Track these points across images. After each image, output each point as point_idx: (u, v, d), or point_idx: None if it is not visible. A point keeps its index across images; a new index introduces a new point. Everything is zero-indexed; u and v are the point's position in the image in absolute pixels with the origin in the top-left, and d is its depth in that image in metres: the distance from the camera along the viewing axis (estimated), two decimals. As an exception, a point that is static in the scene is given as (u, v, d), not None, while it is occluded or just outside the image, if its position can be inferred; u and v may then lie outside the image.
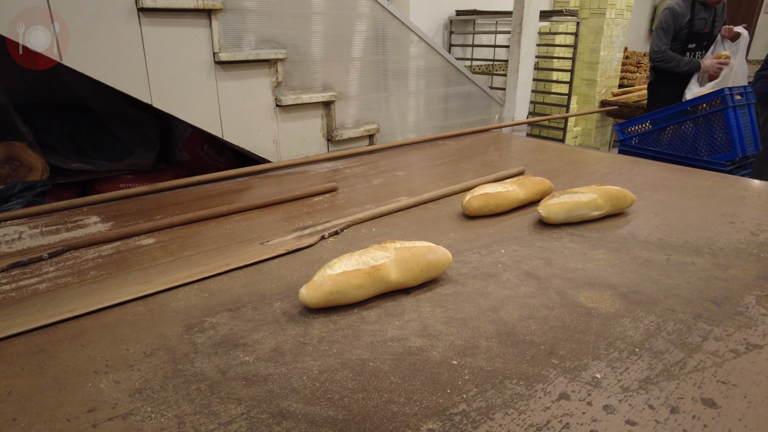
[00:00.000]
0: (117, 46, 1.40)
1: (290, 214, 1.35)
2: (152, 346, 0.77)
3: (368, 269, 0.86)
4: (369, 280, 0.86)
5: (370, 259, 0.88)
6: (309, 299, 0.84)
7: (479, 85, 2.51)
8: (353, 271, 0.85)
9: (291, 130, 1.85)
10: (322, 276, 0.85)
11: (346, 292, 0.85)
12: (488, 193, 1.30)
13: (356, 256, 0.89)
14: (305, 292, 0.84)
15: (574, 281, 0.98)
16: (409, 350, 0.76)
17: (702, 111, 2.61)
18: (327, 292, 0.83)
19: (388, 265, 0.88)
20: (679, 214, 1.34)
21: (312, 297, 0.84)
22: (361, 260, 0.88)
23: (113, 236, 1.15)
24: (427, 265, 0.93)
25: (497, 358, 0.74)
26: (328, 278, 0.84)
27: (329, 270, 0.85)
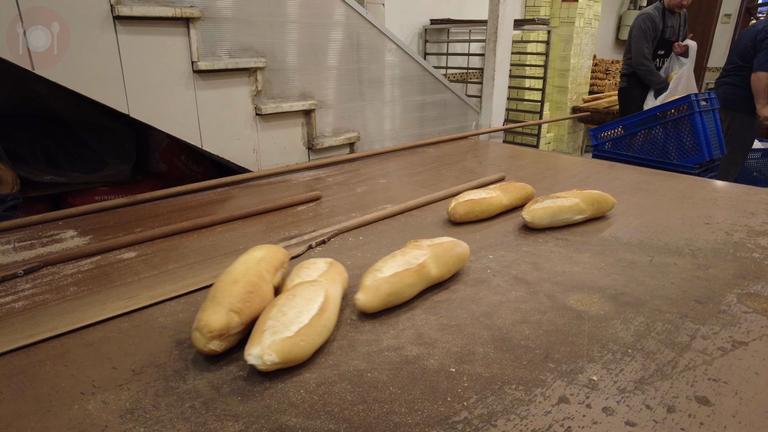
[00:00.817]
0: (92, 55, 1.37)
1: (274, 224, 1.34)
2: (141, 364, 0.74)
3: (416, 268, 0.88)
4: (418, 278, 0.88)
5: (412, 258, 0.90)
6: (369, 304, 0.84)
7: (456, 93, 2.54)
8: (404, 271, 0.87)
9: (271, 139, 1.83)
10: (374, 280, 0.86)
11: (401, 292, 0.86)
12: (473, 200, 1.31)
13: (398, 256, 0.91)
14: (364, 297, 0.84)
15: (562, 285, 0.99)
16: (406, 359, 0.75)
17: (670, 116, 2.70)
18: (385, 294, 0.84)
19: (429, 262, 0.91)
20: (658, 216, 1.38)
21: (372, 302, 0.84)
22: (404, 260, 0.89)
23: (92, 250, 1.11)
24: (457, 258, 0.98)
25: (494, 364, 0.75)
26: (383, 281, 0.85)
27: (379, 273, 0.86)
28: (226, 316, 0.72)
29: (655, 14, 3.19)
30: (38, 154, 1.66)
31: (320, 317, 0.74)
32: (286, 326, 0.71)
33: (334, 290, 0.83)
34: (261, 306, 0.77)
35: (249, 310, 0.75)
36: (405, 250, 0.94)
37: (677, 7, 3.17)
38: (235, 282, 0.77)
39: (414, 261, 0.90)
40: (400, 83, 2.25)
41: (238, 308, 0.74)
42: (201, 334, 0.71)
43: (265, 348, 0.68)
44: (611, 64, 5.34)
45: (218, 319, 0.72)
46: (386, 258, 0.92)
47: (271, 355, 0.68)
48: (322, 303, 0.76)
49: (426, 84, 2.37)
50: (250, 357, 0.68)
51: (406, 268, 0.88)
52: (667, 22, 3.21)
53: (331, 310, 0.77)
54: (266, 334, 0.70)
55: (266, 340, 0.69)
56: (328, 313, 0.76)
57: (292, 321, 0.72)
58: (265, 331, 0.70)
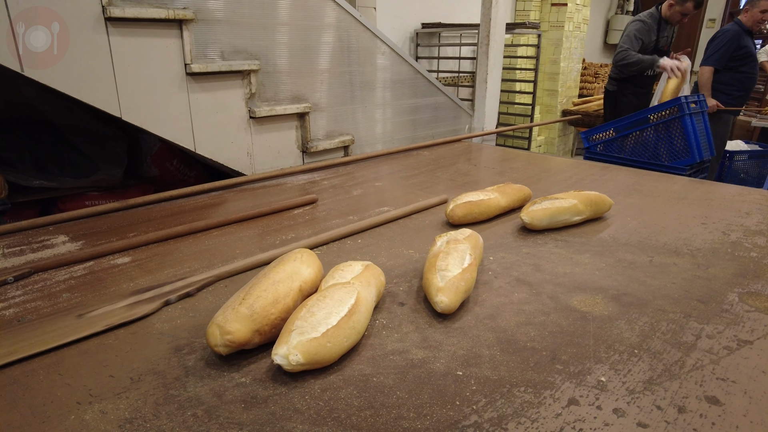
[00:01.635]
0: (83, 57, 1.34)
1: (270, 227, 1.32)
2: (139, 372, 0.72)
3: (474, 262, 0.92)
4: (476, 272, 0.94)
5: (462, 252, 0.93)
6: (454, 305, 0.84)
7: (449, 96, 2.55)
8: (469, 266, 0.90)
9: (265, 142, 1.81)
10: (446, 279, 0.86)
11: (471, 288, 0.90)
12: (471, 201, 1.30)
13: (452, 251, 0.92)
14: (448, 299, 0.84)
15: (564, 286, 0.99)
16: (411, 363, 0.74)
17: (661, 118, 2.73)
18: (463, 292, 0.86)
19: (476, 254, 0.98)
20: (655, 217, 1.38)
21: (455, 302, 0.84)
22: (459, 255, 0.92)
23: (85, 256, 1.08)
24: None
25: (501, 366, 0.73)
26: (457, 279, 0.86)
27: (448, 273, 0.87)
28: (251, 335, 0.71)
29: (649, 22, 3.21)
30: (27, 158, 1.63)
31: (349, 319, 0.73)
32: (314, 327, 0.70)
33: (367, 293, 0.81)
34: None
35: (271, 334, 0.74)
36: (450, 244, 0.96)
37: (676, 21, 3.19)
38: (275, 303, 0.75)
39: (467, 255, 0.93)
40: (393, 86, 2.24)
41: (265, 331, 0.73)
42: (220, 334, 0.70)
43: (291, 348, 0.67)
44: (600, 67, 5.39)
45: (243, 334, 0.71)
46: (438, 254, 0.93)
47: (297, 356, 0.66)
48: (352, 305, 0.75)
49: (419, 87, 2.37)
50: (277, 357, 0.67)
51: (470, 263, 0.91)
52: (662, 32, 3.24)
53: (361, 313, 0.76)
54: (294, 334, 0.68)
55: (293, 341, 0.68)
56: (358, 316, 0.75)
57: (320, 322, 0.71)
58: (293, 331, 0.69)
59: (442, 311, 0.84)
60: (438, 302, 0.84)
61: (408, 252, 1.15)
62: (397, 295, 0.94)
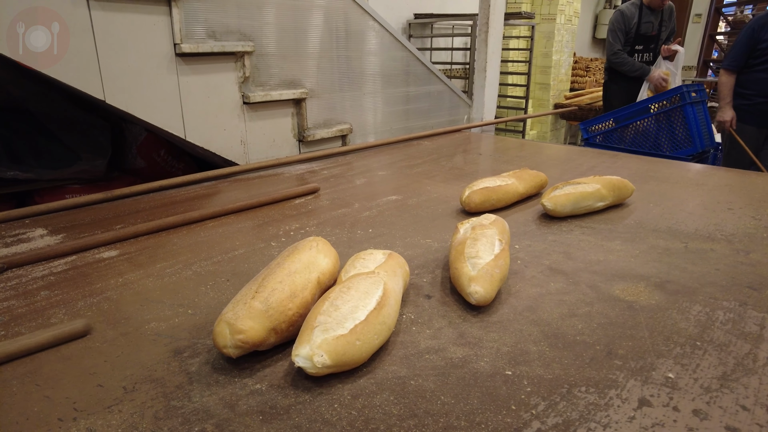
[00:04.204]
0: (61, 32, 1.22)
1: (271, 217, 1.21)
2: (133, 379, 0.61)
3: (506, 248, 0.84)
4: (509, 258, 0.86)
5: (491, 238, 0.85)
6: (490, 295, 0.75)
7: (449, 85, 2.46)
8: (501, 252, 0.82)
9: (260, 129, 1.70)
10: (478, 267, 0.78)
11: (506, 275, 0.82)
12: (489, 187, 1.21)
13: (480, 237, 0.84)
14: (482, 289, 0.75)
15: (602, 274, 0.90)
16: (451, 362, 0.64)
17: (662, 108, 2.68)
18: (498, 281, 0.78)
19: (506, 239, 0.91)
20: (678, 203, 1.31)
21: (491, 292, 0.76)
22: (488, 241, 0.83)
23: (67, 249, 0.96)
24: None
25: (554, 363, 0.64)
26: (491, 266, 0.78)
27: (479, 260, 0.79)
28: (266, 334, 0.61)
29: (628, 10, 3.16)
30: (-1, 148, 1.49)
31: (378, 313, 0.63)
32: (340, 323, 0.59)
33: (394, 283, 0.71)
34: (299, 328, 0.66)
35: (288, 333, 0.64)
36: (477, 228, 0.88)
37: (657, 5, 3.15)
38: (293, 297, 0.65)
39: (496, 240, 0.84)
40: (392, 74, 2.15)
41: (282, 329, 0.63)
42: (230, 333, 0.59)
43: (315, 348, 0.57)
44: (591, 61, 5.36)
45: (257, 333, 0.60)
46: (462, 242, 0.84)
47: (323, 356, 0.56)
48: (381, 297, 0.65)
49: (419, 75, 2.27)
50: (298, 358, 0.57)
51: (502, 249, 0.82)
52: (644, 18, 3.19)
53: (391, 306, 0.66)
54: (317, 331, 0.58)
55: (316, 339, 0.57)
56: (388, 309, 0.65)
57: (345, 317, 0.60)
58: (316, 328, 0.58)
59: (477, 303, 0.75)
60: (472, 293, 0.75)
61: (425, 241, 1.05)
62: (421, 287, 0.85)
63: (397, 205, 1.29)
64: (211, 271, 0.91)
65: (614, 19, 3.21)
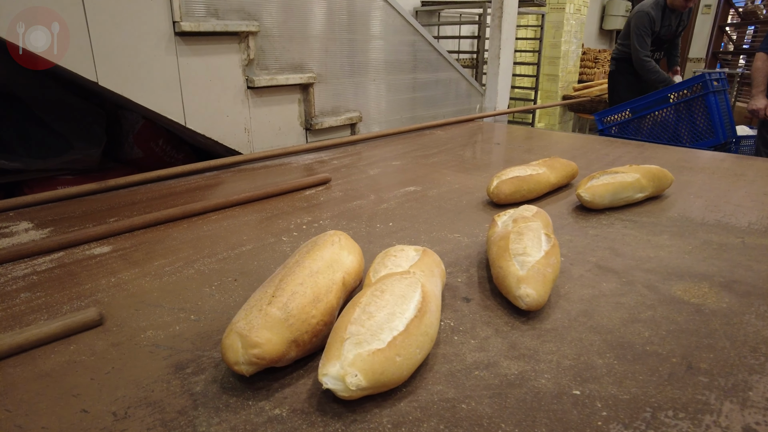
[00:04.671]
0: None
1: (280, 210, 1.10)
2: (126, 403, 0.50)
3: (556, 243, 0.75)
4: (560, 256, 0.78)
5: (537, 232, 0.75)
6: (541, 298, 0.65)
7: (461, 73, 2.35)
8: (552, 249, 0.72)
9: (265, 117, 1.59)
10: (527, 266, 0.68)
11: (557, 275, 0.72)
12: (520, 177, 1.11)
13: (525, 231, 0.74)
14: (534, 292, 0.64)
15: (656, 272, 0.80)
16: (506, 380, 0.54)
17: (683, 97, 2.57)
18: (551, 281, 0.68)
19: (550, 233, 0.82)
20: (720, 195, 1.20)
21: (542, 294, 0.65)
22: (534, 235, 0.73)
23: (53, 245, 0.86)
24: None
25: (627, 380, 0.54)
26: (542, 265, 0.68)
27: (528, 258, 0.69)
28: (286, 347, 0.51)
29: (654, 12, 3.02)
30: (-16, 135, 1.39)
31: (420, 322, 0.52)
32: (375, 334, 0.49)
33: (433, 285, 0.61)
34: (325, 339, 0.55)
35: (312, 345, 0.54)
36: (519, 222, 0.77)
37: (681, 7, 3.01)
38: (316, 301, 0.55)
39: (542, 235, 0.74)
40: (405, 60, 2.03)
41: (304, 341, 0.52)
42: (243, 347, 0.49)
43: (347, 366, 0.46)
44: (599, 53, 5.24)
45: (276, 346, 0.50)
46: (504, 237, 0.74)
47: (357, 377, 0.46)
48: (420, 302, 0.54)
49: (431, 62, 2.16)
50: (327, 379, 0.47)
51: (553, 245, 0.73)
52: (665, 21, 3.06)
53: (432, 313, 0.55)
54: (348, 344, 0.48)
55: (348, 354, 0.47)
56: (430, 317, 0.54)
57: (381, 326, 0.50)
58: (347, 341, 0.48)
59: (528, 307, 0.65)
60: (522, 296, 0.64)
61: (453, 236, 0.95)
62: (456, 288, 0.74)
63: (416, 197, 1.18)
64: (216, 269, 0.81)
65: (640, 23, 3.04)
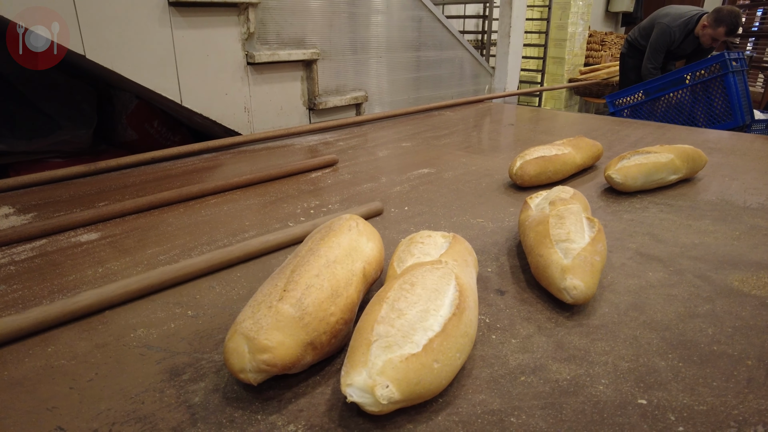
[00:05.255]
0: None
1: (285, 193, 1.02)
2: (110, 418, 0.42)
3: (601, 228, 0.67)
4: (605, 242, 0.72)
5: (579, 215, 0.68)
6: (590, 290, 0.57)
7: (470, 51, 2.24)
8: (598, 234, 0.65)
9: (266, 95, 1.50)
10: (571, 254, 0.60)
11: (604, 264, 0.65)
12: (545, 157, 1.02)
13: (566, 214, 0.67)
14: (582, 283, 0.56)
15: (706, 261, 0.72)
16: (558, 387, 0.46)
17: (700, 78, 2.47)
18: (599, 271, 0.60)
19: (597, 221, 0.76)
20: (759, 177, 1.12)
21: (591, 285, 0.57)
22: (575, 218, 0.66)
23: (35, 232, 0.77)
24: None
25: (699, 386, 0.46)
26: (588, 253, 0.60)
27: (573, 245, 0.61)
28: (301, 351, 0.42)
29: (673, 34, 2.87)
30: (-35, 114, 1.29)
31: (459, 321, 0.44)
32: (407, 335, 0.41)
33: (468, 277, 0.53)
34: (345, 340, 0.48)
35: (330, 347, 0.46)
36: (557, 208, 0.69)
37: (706, 44, 2.85)
38: (334, 296, 0.46)
39: (584, 219, 0.67)
40: (411, 38, 1.93)
41: (321, 343, 0.44)
42: (250, 352, 0.41)
43: (375, 374, 0.38)
44: (606, 35, 5.11)
45: (289, 351, 0.42)
46: (542, 222, 0.67)
47: (389, 387, 0.38)
48: (457, 297, 0.46)
49: (441, 41, 2.06)
50: (352, 390, 0.38)
51: (598, 230, 0.65)
52: (684, 44, 2.92)
53: (471, 309, 0.47)
54: (375, 348, 0.40)
55: (377, 360, 0.39)
56: (469, 314, 0.46)
57: (414, 326, 0.42)
58: (374, 343, 0.40)
59: (575, 301, 0.57)
60: (569, 288, 0.56)
61: (476, 221, 0.86)
62: (488, 279, 0.66)
63: (431, 179, 1.10)
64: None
65: (661, 38, 2.87)
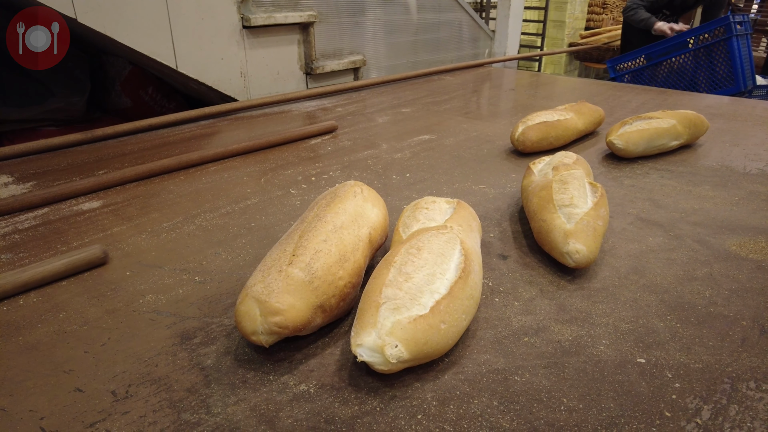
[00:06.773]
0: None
1: (285, 160, 1.01)
2: (126, 380, 0.43)
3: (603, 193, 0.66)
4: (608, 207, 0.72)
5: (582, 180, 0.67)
6: (592, 254, 0.58)
7: (470, 14, 2.19)
8: (600, 199, 0.64)
9: (262, 59, 1.47)
10: (574, 219, 0.60)
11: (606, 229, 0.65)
12: (547, 122, 1.01)
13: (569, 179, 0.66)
14: (584, 247, 0.57)
15: (705, 225, 0.73)
16: (561, 347, 0.47)
17: (703, 42, 2.43)
18: (601, 235, 0.61)
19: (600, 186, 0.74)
20: (757, 142, 1.12)
21: (592, 249, 0.58)
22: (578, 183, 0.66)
23: (36, 200, 0.77)
24: None
25: (696, 346, 0.48)
26: (591, 218, 0.60)
27: (576, 209, 0.62)
28: (311, 313, 0.44)
29: None
30: (-44, 80, 1.26)
31: (465, 283, 0.45)
32: (414, 298, 0.42)
33: (473, 242, 0.53)
34: (353, 303, 0.49)
35: (339, 310, 0.47)
36: (560, 173, 0.69)
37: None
38: (342, 261, 0.47)
39: (586, 184, 0.67)
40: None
41: (330, 306, 0.45)
42: (261, 315, 0.42)
43: (385, 335, 0.40)
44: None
45: (300, 313, 0.43)
46: (545, 187, 0.67)
47: (398, 347, 0.39)
48: (462, 261, 0.47)
49: (440, 1, 2.00)
50: (362, 350, 0.40)
51: (601, 195, 0.65)
52: None
53: (476, 273, 0.48)
54: (384, 310, 0.41)
55: (385, 322, 0.41)
56: (474, 278, 0.47)
57: (421, 289, 0.43)
58: (383, 306, 0.41)
59: (577, 265, 0.57)
60: (571, 252, 0.57)
61: (478, 188, 0.87)
62: (491, 244, 0.67)
63: (432, 146, 1.09)
64: (219, 225, 0.73)
65: None
